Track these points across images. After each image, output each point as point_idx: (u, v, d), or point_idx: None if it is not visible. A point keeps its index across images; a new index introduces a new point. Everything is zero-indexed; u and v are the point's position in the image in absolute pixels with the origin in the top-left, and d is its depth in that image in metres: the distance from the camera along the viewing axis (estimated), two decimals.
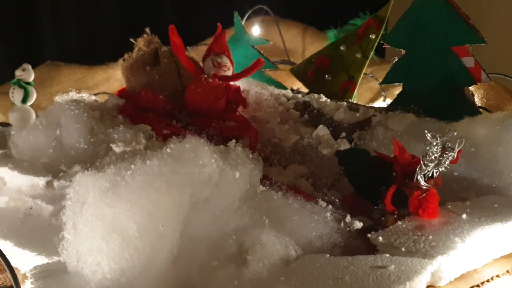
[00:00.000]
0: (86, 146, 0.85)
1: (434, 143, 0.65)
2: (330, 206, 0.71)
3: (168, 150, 0.61)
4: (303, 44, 1.58)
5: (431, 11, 0.97)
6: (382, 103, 1.25)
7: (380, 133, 0.90)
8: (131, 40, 1.14)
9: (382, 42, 1.05)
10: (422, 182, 0.67)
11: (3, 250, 0.66)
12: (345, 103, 1.07)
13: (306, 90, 1.31)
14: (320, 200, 0.72)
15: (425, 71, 0.99)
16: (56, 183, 0.79)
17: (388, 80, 1.06)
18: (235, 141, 0.77)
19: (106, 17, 1.74)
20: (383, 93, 1.25)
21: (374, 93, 1.34)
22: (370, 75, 1.28)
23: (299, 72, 1.29)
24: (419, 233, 0.64)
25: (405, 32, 1.00)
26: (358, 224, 0.67)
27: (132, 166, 0.62)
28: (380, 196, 0.71)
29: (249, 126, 0.99)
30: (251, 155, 0.68)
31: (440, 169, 0.68)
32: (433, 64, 0.97)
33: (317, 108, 1.05)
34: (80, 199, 0.64)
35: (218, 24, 1.18)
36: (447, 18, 0.96)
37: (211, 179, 0.59)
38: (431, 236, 0.63)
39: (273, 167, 0.92)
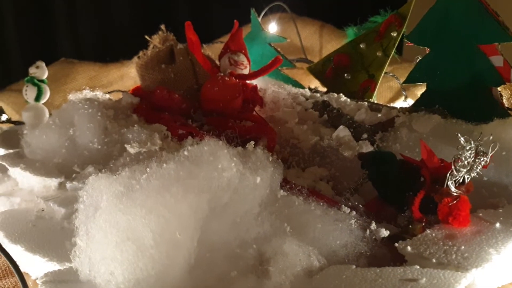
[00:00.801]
0: (99, 146, 0.82)
1: (468, 148, 0.60)
2: (354, 212, 0.67)
3: (185, 153, 0.57)
4: (320, 42, 1.54)
5: (458, 7, 0.92)
6: (403, 103, 1.20)
7: (404, 134, 0.85)
8: (146, 37, 1.10)
9: (405, 40, 1.00)
10: (453, 189, 0.63)
11: (13, 254, 0.64)
12: (366, 103, 1.02)
13: (324, 89, 1.27)
14: (343, 205, 0.68)
15: (451, 70, 0.94)
16: (68, 185, 0.76)
17: (411, 80, 1.01)
18: (253, 142, 0.73)
19: (120, 14, 1.71)
20: (404, 92, 1.21)
21: (394, 93, 1.29)
22: (391, 74, 1.23)
23: (317, 71, 1.24)
24: (450, 243, 0.60)
25: (430, 30, 0.95)
26: (385, 232, 0.63)
27: (148, 169, 0.58)
28: (407, 202, 0.67)
29: (267, 126, 0.95)
30: (270, 158, 0.65)
31: (472, 175, 0.63)
32: (460, 63, 0.93)
33: (336, 108, 1.01)
34: (93, 202, 0.61)
35: (235, 21, 1.14)
36: (475, 15, 0.91)
37: (230, 184, 0.56)
38: (463, 247, 0.58)
39: (291, 169, 0.88)
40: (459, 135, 0.60)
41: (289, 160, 0.91)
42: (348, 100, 1.05)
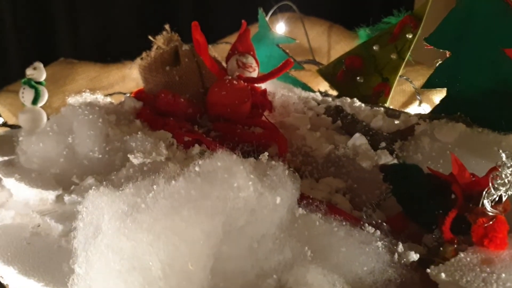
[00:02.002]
0: (100, 156, 0.75)
1: (509, 164, 0.54)
2: (378, 232, 0.61)
3: (197, 169, 0.51)
4: (329, 42, 1.47)
5: (483, 8, 0.86)
6: (417, 108, 1.14)
7: (426, 144, 0.79)
8: (150, 37, 1.04)
9: (424, 43, 0.94)
10: (489, 208, 0.57)
11: (5, 277, 0.58)
12: (382, 108, 0.96)
13: (334, 92, 1.20)
14: (366, 224, 0.62)
15: (473, 75, 0.88)
16: (67, 198, 0.70)
17: (430, 85, 0.95)
18: (267, 154, 0.67)
19: (122, 13, 1.65)
20: (418, 97, 1.14)
21: (407, 97, 1.23)
22: (404, 77, 1.17)
23: (327, 73, 1.18)
24: (488, 269, 0.53)
25: (452, 32, 0.89)
26: (414, 256, 0.57)
27: (154, 186, 0.52)
28: (436, 221, 0.61)
29: (277, 133, 0.89)
30: (287, 171, 0.58)
31: (510, 193, 0.57)
32: (484, 68, 0.86)
33: (351, 113, 0.94)
34: (93, 221, 0.55)
35: (243, 21, 1.08)
36: (501, 17, 0.85)
37: (247, 205, 0.49)
38: (503, 275, 0.52)
39: (304, 179, 0.82)
40: (500, 150, 0.54)
41: (301, 170, 0.85)
42: (363, 105, 0.98)
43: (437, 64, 0.93)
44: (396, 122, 0.90)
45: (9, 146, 0.88)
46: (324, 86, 1.28)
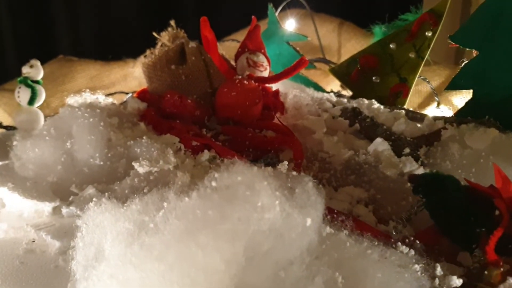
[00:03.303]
0: (102, 162, 0.68)
1: None
2: (413, 252, 0.54)
3: (213, 184, 0.44)
4: (339, 40, 1.40)
5: None
6: (435, 110, 1.07)
7: (455, 151, 0.72)
8: (154, 34, 0.96)
9: (449, 41, 0.87)
10: None
11: None
12: (402, 111, 0.89)
13: (345, 93, 1.14)
14: (398, 242, 0.55)
15: (502, 76, 0.81)
16: (65, 210, 0.62)
17: (455, 86, 0.88)
18: (287, 163, 0.60)
19: (124, 8, 1.57)
20: (437, 98, 1.07)
21: (423, 98, 1.16)
22: (421, 77, 1.10)
23: (340, 73, 1.11)
24: None
25: (480, 30, 0.82)
26: (457, 282, 0.50)
27: (165, 203, 0.45)
28: (477, 240, 0.54)
29: (292, 137, 0.81)
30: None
31: None
32: None
33: (370, 116, 0.87)
34: (94, 241, 0.48)
35: (253, 17, 1.01)
36: None
37: (272, 227, 0.42)
38: None
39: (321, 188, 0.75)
40: None
41: (318, 177, 0.78)
42: (381, 107, 0.91)
43: (463, 64, 0.86)
44: (419, 125, 0.83)
45: (4, 149, 0.81)
46: (334, 86, 1.21)
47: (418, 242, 0.57)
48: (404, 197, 0.69)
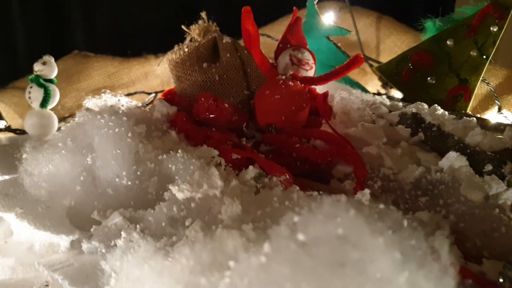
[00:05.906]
0: (130, 182, 0.54)
1: None
2: None
3: (301, 237, 0.30)
4: (377, 36, 1.25)
5: None
6: (496, 115, 0.93)
7: None
8: (183, 27, 0.83)
9: None
10: None
11: None
12: (474, 118, 0.75)
13: (392, 94, 0.99)
14: None
15: None
16: (85, 246, 0.49)
17: None
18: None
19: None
20: (497, 102, 0.93)
21: (478, 101, 1.01)
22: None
23: (389, 72, 0.96)
24: None
25: None
26: None
27: (231, 263, 0.31)
28: None
29: (351, 149, 0.68)
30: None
31: None
32: None
33: (436, 124, 0.73)
34: None
35: (294, 8, 0.87)
36: None
37: None
38: None
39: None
40: None
41: (381, 199, 0.64)
42: (446, 113, 0.77)
43: None
44: (499, 136, 0.69)
45: (13, 157, 0.67)
46: (372, 87, 1.07)
47: None
48: (495, 228, 0.56)
